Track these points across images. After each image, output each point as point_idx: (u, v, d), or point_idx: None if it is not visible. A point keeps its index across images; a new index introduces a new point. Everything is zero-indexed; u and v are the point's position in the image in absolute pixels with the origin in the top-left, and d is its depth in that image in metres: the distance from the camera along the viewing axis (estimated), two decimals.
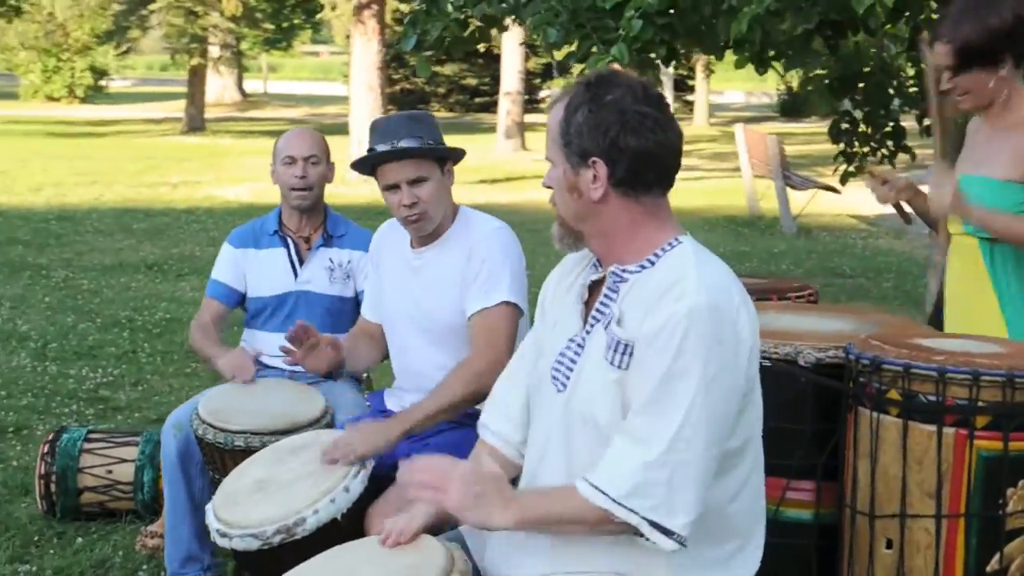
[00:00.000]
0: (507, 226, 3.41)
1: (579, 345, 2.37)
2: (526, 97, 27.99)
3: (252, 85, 48.58)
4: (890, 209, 3.61)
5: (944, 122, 3.70)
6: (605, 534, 2.24)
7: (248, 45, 38.81)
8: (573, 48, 5.71)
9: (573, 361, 2.37)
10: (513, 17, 6.37)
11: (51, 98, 39.00)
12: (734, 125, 17.76)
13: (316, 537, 2.78)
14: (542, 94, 36.17)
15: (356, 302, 4.18)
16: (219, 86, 41.97)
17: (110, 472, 4.45)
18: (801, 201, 14.39)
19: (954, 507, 2.81)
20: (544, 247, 12.47)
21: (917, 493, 2.84)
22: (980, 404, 2.77)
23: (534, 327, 2.63)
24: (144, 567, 4.04)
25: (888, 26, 5.89)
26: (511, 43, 22.07)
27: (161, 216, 14.23)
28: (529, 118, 27.72)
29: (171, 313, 8.45)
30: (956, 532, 2.81)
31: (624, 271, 2.33)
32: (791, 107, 35.54)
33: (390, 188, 3.30)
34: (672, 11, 5.32)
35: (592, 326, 2.36)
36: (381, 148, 3.29)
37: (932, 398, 2.80)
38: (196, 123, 30.98)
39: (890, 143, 7.29)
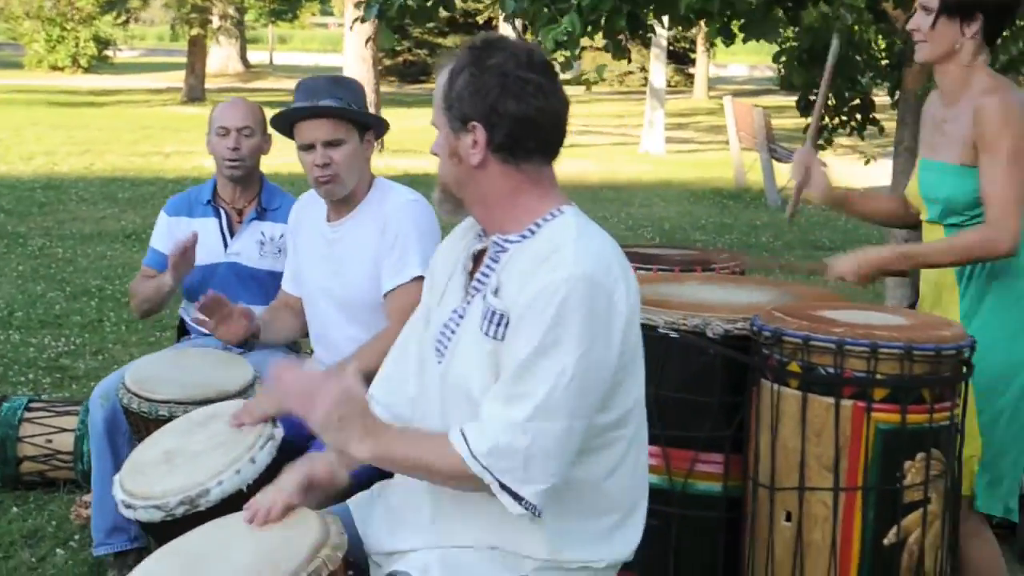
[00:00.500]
0: (422, 198, 3.37)
1: (460, 316, 2.32)
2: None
3: (259, 56, 48.31)
4: (874, 182, 3.54)
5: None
6: (454, 487, 2.21)
7: (253, 16, 38.64)
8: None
9: (453, 332, 2.33)
10: None
11: (55, 68, 38.84)
12: (724, 98, 17.65)
13: (221, 508, 2.69)
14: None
15: None
16: (223, 56, 41.81)
17: (50, 441, 4.41)
18: (788, 174, 14.27)
19: (852, 480, 2.78)
20: None
21: (815, 466, 2.81)
22: (878, 377, 2.74)
23: (423, 298, 2.58)
24: (76, 537, 4.01)
25: None
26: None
27: (147, 185, 14.13)
28: None
29: None
30: (854, 505, 2.79)
31: (505, 240, 2.27)
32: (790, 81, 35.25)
33: (305, 148, 3.26)
34: None
35: (472, 296, 2.31)
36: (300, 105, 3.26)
37: (831, 370, 2.77)
38: (196, 93, 30.80)
39: (858, 116, 7.26)
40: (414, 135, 19.89)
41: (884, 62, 7.52)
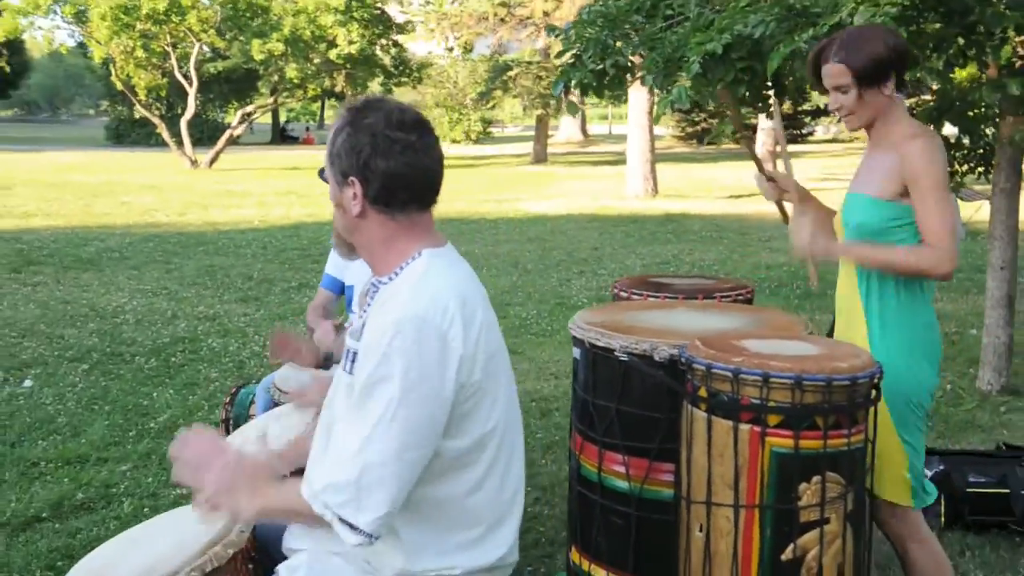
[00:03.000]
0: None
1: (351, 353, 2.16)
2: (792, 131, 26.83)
3: (600, 128, 49.35)
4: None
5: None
6: (320, 525, 2.00)
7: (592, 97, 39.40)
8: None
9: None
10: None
11: (454, 141, 41.44)
12: None
13: None
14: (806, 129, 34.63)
15: None
16: (569, 127, 42.88)
17: None
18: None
19: (751, 498, 2.42)
20: (760, 247, 11.93)
21: (720, 483, 2.46)
22: (771, 404, 2.37)
23: None
24: None
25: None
26: None
27: (466, 224, 14.66)
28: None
29: None
30: (752, 522, 2.42)
31: (379, 283, 2.13)
32: None
33: None
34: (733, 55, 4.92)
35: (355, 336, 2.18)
36: None
37: (730, 396, 2.43)
38: (540, 156, 31.81)
39: (983, 163, 6.53)
40: (689, 183, 19.71)
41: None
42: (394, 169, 2.02)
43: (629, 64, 6.30)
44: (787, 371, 2.35)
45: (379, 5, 30.71)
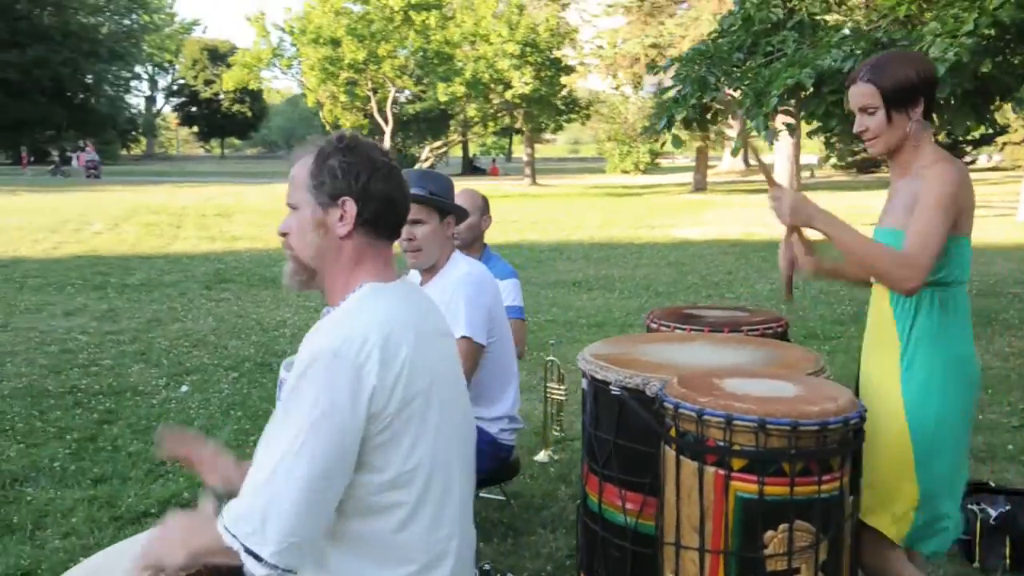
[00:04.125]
0: (475, 273, 3.11)
1: None
2: None
3: (766, 159, 47.95)
4: None
5: None
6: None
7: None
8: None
9: None
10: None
11: (624, 171, 41.35)
12: None
13: None
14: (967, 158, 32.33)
15: None
16: (733, 158, 41.69)
17: None
18: None
19: (715, 543, 2.15)
20: None
21: (687, 525, 2.20)
22: (735, 447, 2.10)
23: None
24: None
25: None
26: None
27: (613, 249, 14.43)
28: None
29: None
30: (717, 568, 2.15)
31: (328, 311, 2.01)
32: None
33: None
34: None
35: None
36: None
37: (696, 437, 2.16)
38: (700, 185, 31.09)
39: None
40: (839, 210, 18.78)
41: None
42: (389, 193, 1.95)
43: (728, 98, 6.05)
44: (751, 414, 2.08)
45: (551, 51, 30.88)
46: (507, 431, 3.15)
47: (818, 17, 5.98)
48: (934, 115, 2.81)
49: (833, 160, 41.09)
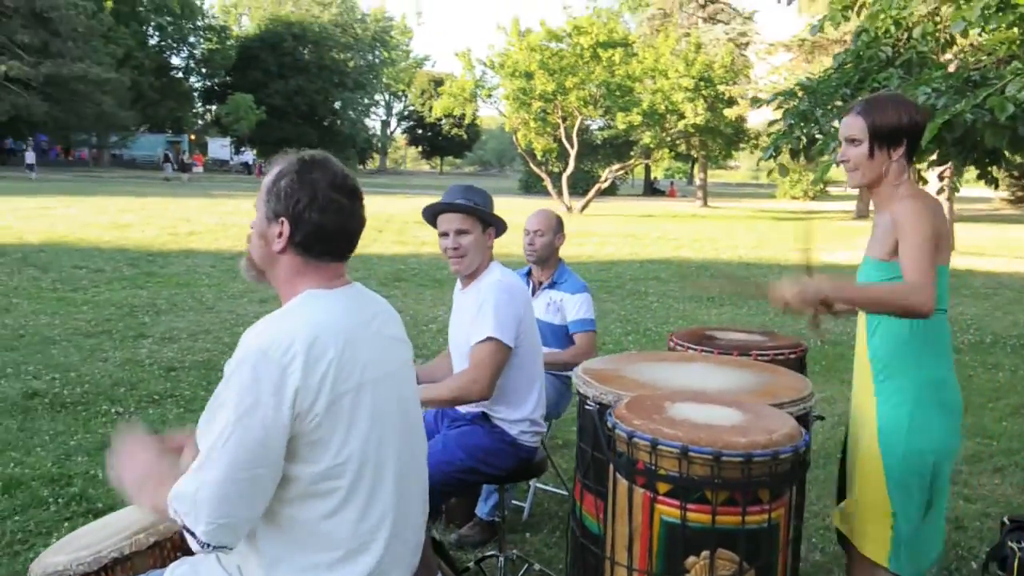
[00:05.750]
0: (506, 279, 2.99)
1: None
2: None
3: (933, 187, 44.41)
4: None
5: None
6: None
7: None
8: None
9: None
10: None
11: (793, 197, 39.56)
12: None
13: None
14: None
15: (565, 328, 4.02)
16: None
17: None
18: None
19: (642, 564, 1.95)
20: None
21: (620, 543, 2.01)
22: (660, 472, 1.89)
23: None
24: None
25: None
26: None
27: (758, 269, 13.73)
28: None
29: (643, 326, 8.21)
30: None
31: None
32: None
33: (443, 234, 3.03)
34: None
35: None
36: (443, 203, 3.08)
37: (628, 458, 1.97)
38: (862, 212, 29.20)
39: None
40: (995, 242, 17.02)
41: None
42: (322, 224, 1.86)
43: (832, 130, 5.62)
44: (676, 440, 1.86)
45: (723, 85, 29.91)
46: (528, 433, 3.02)
47: (927, 56, 5.41)
48: (915, 159, 2.50)
49: (1004, 193, 37.42)
